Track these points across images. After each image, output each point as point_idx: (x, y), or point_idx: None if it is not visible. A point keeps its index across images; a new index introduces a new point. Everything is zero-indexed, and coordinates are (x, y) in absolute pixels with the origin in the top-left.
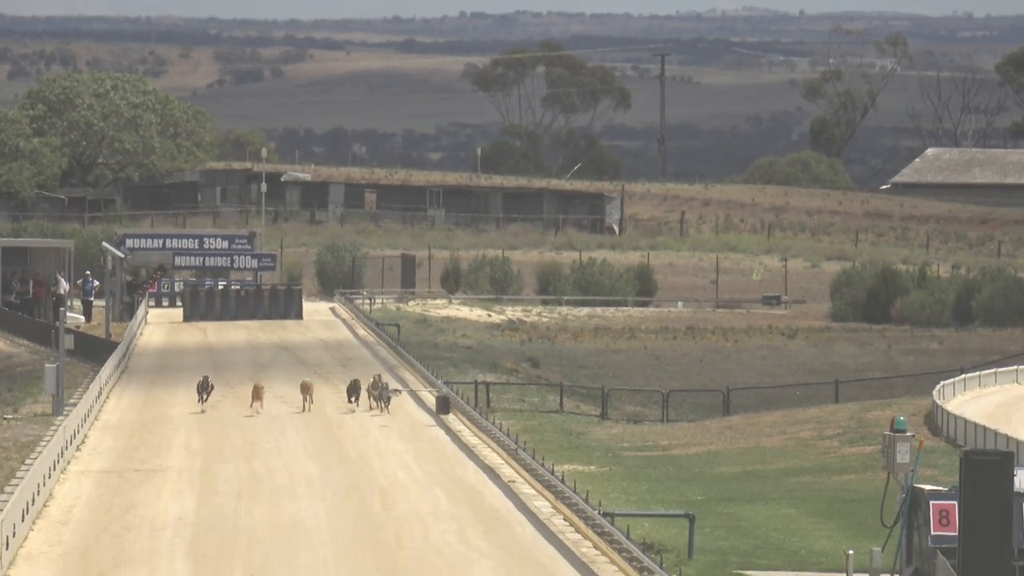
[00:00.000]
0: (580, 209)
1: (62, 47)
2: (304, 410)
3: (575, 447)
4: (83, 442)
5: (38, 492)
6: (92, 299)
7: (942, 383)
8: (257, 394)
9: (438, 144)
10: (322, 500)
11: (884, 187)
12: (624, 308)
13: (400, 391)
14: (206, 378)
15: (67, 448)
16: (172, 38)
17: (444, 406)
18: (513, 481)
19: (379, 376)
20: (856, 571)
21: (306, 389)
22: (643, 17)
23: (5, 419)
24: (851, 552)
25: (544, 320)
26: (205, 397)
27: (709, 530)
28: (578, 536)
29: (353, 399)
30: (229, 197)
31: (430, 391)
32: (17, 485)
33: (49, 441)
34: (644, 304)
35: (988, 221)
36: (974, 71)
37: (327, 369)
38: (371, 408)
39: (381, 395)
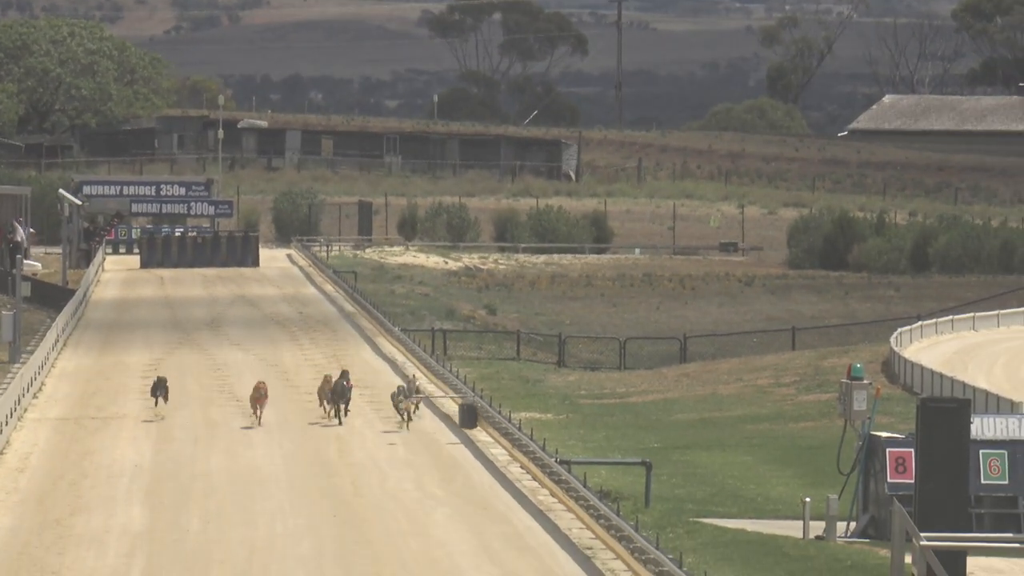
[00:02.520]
0: (537, 156)
1: None
2: (327, 416)
3: (532, 395)
4: (40, 389)
5: None
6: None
7: (899, 330)
8: (258, 399)
9: (395, 91)
10: (279, 447)
11: (841, 134)
12: (581, 255)
13: (421, 396)
14: (162, 380)
15: (24, 395)
16: None
17: (470, 417)
18: (435, 396)
19: (413, 377)
20: (813, 518)
21: (338, 395)
22: None
23: None
24: (808, 499)
25: (501, 267)
26: (160, 398)
27: (666, 477)
28: (535, 484)
29: (343, 406)
30: (186, 144)
31: (452, 397)
32: None
33: (5, 389)
34: (601, 251)
35: (945, 168)
36: (931, 17)
37: (284, 316)
38: (402, 421)
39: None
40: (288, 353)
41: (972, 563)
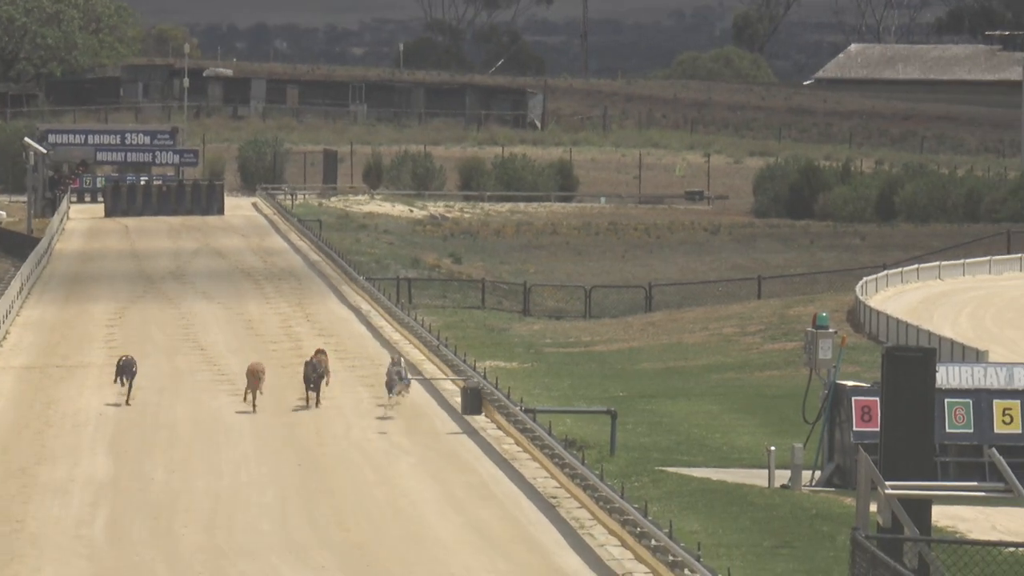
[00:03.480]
0: (502, 105)
1: None
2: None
3: (497, 343)
4: (4, 338)
5: None
6: None
7: (865, 279)
8: (254, 378)
9: (361, 39)
10: (242, 395)
11: (807, 83)
12: (546, 204)
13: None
14: (129, 361)
15: None
16: None
17: (474, 403)
18: (435, 378)
19: (399, 359)
20: (778, 467)
21: (309, 379)
22: None
23: None
24: (773, 448)
25: (466, 216)
26: (127, 383)
27: (631, 426)
28: (500, 432)
29: (311, 389)
30: (151, 93)
31: (453, 379)
32: None
33: None
34: (566, 200)
35: (911, 117)
36: None
37: (249, 266)
38: (389, 404)
39: (392, 382)
40: (253, 303)
41: (937, 511)
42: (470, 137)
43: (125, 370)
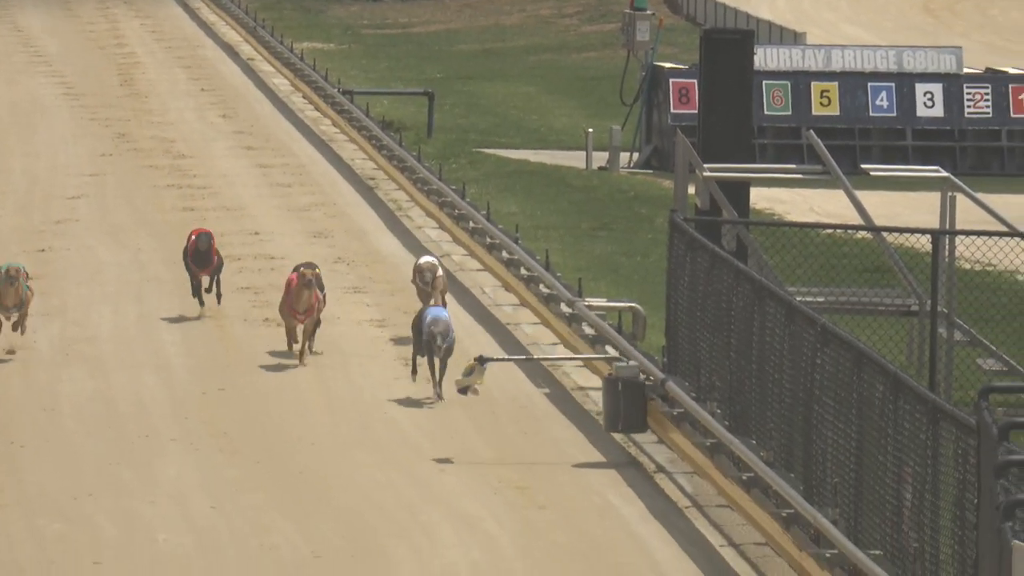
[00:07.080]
0: None
1: None
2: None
3: (314, 25)
4: None
5: None
6: None
7: None
8: (305, 309)
9: None
10: (60, 77)
11: None
12: None
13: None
14: None
15: None
16: None
17: (632, 414)
18: (252, 59)
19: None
20: (596, 149)
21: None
22: None
23: None
24: (591, 130)
25: None
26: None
27: (448, 108)
28: (317, 115)
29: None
30: None
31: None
32: None
33: None
34: None
35: None
36: None
37: None
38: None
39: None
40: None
41: (755, 194)
42: None
43: None
